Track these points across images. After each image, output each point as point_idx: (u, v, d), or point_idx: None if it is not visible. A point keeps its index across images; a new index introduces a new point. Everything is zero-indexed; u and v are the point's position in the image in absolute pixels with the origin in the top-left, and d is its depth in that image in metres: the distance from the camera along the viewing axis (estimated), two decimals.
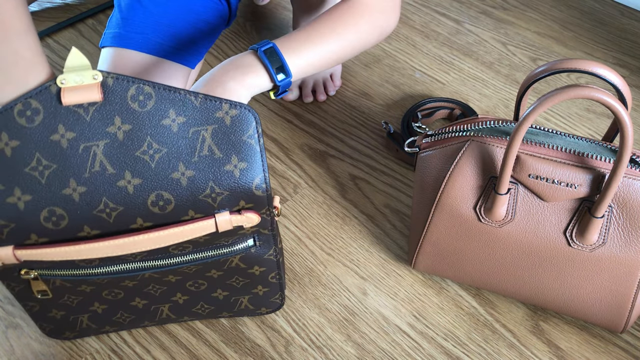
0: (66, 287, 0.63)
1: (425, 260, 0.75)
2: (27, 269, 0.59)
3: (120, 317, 0.69)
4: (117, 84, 0.52)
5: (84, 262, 0.59)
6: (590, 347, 0.72)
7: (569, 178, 0.63)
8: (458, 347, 0.72)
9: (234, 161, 0.55)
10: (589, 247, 0.65)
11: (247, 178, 0.55)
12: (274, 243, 0.63)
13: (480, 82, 1.04)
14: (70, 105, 0.52)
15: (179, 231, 0.55)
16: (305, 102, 1.02)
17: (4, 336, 0.74)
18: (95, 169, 0.53)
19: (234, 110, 0.54)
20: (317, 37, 0.72)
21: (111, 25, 0.87)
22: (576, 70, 0.62)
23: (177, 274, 0.63)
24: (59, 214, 0.53)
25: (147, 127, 0.53)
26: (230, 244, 0.61)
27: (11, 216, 0.53)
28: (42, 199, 0.53)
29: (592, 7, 1.19)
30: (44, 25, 1.14)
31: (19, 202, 0.53)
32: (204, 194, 0.55)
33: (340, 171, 0.91)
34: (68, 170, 0.53)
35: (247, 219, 0.57)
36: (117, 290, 0.64)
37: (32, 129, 0.52)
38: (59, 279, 0.61)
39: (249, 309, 0.72)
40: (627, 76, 1.05)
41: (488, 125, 0.68)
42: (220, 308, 0.70)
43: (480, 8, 1.19)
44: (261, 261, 0.64)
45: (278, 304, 0.72)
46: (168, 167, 0.54)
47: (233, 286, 0.67)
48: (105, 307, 0.67)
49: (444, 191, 0.68)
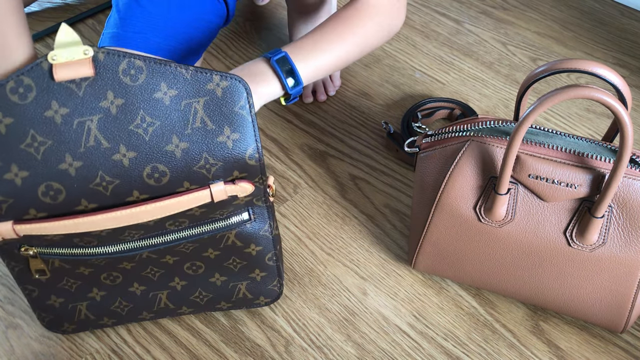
0: (65, 269, 0.63)
1: (425, 260, 0.75)
2: (27, 246, 0.59)
3: (118, 306, 0.69)
4: (108, 58, 0.53)
5: (82, 242, 0.60)
6: (590, 347, 0.72)
7: (569, 178, 0.63)
8: (458, 347, 0.72)
9: (226, 132, 0.56)
10: (589, 247, 0.65)
11: (240, 148, 0.56)
12: (269, 218, 0.64)
13: (480, 82, 1.04)
14: (63, 81, 0.53)
15: (175, 202, 0.56)
16: (305, 102, 1.02)
17: (4, 336, 0.74)
18: (90, 143, 0.54)
19: (224, 82, 0.55)
20: (325, 42, 0.74)
21: (109, 26, 0.87)
22: (576, 70, 0.62)
23: (175, 253, 0.64)
24: (56, 189, 0.54)
25: (139, 100, 0.54)
26: (226, 217, 0.62)
27: (9, 192, 0.54)
28: (38, 174, 0.53)
29: (592, 7, 1.19)
30: (44, 25, 1.14)
31: (16, 179, 0.53)
32: (198, 165, 0.56)
33: (340, 171, 0.91)
34: (63, 146, 0.53)
35: (241, 188, 0.58)
36: (116, 273, 0.65)
37: (25, 106, 0.53)
38: (58, 258, 0.61)
39: (247, 298, 0.71)
40: (627, 76, 1.05)
41: (488, 125, 0.68)
42: (219, 296, 0.70)
43: (480, 8, 1.19)
44: (257, 238, 0.65)
45: (276, 293, 0.72)
46: (162, 139, 0.55)
47: (230, 269, 0.67)
48: (103, 294, 0.67)
49: (444, 191, 0.68)
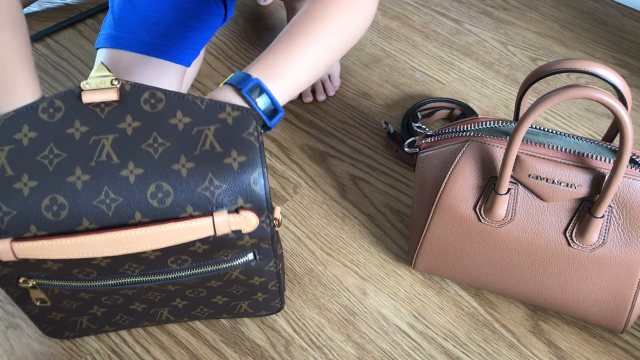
0: (65, 294, 0.63)
1: (425, 260, 0.75)
2: (26, 278, 0.60)
3: (119, 319, 0.69)
4: (133, 89, 0.57)
5: (81, 274, 0.60)
6: (590, 347, 0.72)
7: (569, 178, 0.63)
8: (458, 347, 0.72)
9: (233, 155, 0.56)
10: (589, 247, 0.65)
11: (245, 171, 0.56)
12: (274, 256, 0.63)
13: (480, 82, 1.04)
14: (89, 104, 0.57)
15: (176, 230, 0.56)
16: (305, 102, 1.02)
17: (4, 336, 0.74)
18: (101, 158, 0.55)
19: (236, 112, 0.57)
20: (296, 52, 0.63)
21: (105, 27, 0.88)
22: (576, 70, 0.62)
23: (177, 284, 0.64)
24: (60, 203, 0.55)
25: (155, 124, 0.57)
26: (230, 259, 0.61)
27: (14, 203, 0.54)
28: (47, 185, 0.55)
29: (592, 7, 1.19)
30: (44, 25, 1.14)
31: (24, 188, 0.55)
32: (202, 187, 0.56)
33: (340, 171, 0.91)
34: (76, 159, 0.55)
35: (245, 220, 0.57)
36: (117, 296, 0.65)
37: (51, 123, 0.56)
38: (58, 288, 0.62)
39: (249, 312, 0.72)
40: (627, 76, 1.05)
41: (488, 126, 0.68)
42: (220, 311, 0.71)
43: (480, 8, 1.19)
44: (261, 273, 0.65)
45: (277, 308, 0.72)
46: (170, 158, 0.56)
47: (233, 293, 0.68)
48: (104, 311, 0.67)
49: (444, 191, 0.68)
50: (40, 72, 1.06)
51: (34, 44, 1.11)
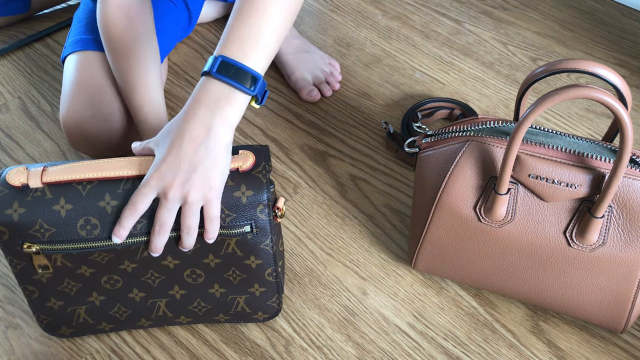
0: (67, 268, 0.64)
1: (425, 260, 0.75)
2: (29, 243, 0.61)
3: (117, 312, 0.69)
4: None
5: (84, 231, 0.62)
6: (590, 347, 0.72)
7: (569, 178, 0.63)
8: (458, 347, 0.72)
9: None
10: (589, 247, 0.65)
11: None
12: (271, 232, 0.65)
13: (480, 82, 1.04)
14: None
15: None
16: (310, 102, 1.01)
17: (4, 336, 0.74)
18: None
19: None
20: (254, 20, 0.62)
21: (71, 35, 0.90)
22: (576, 70, 0.62)
23: (176, 255, 0.64)
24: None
25: None
26: (228, 225, 0.63)
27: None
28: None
29: (592, 7, 1.19)
30: (44, 25, 1.14)
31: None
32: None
33: (340, 171, 0.91)
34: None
35: (243, 157, 0.64)
36: (116, 276, 0.65)
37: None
38: (60, 253, 0.63)
39: (246, 313, 0.71)
40: (627, 76, 1.06)
41: (488, 126, 0.68)
42: (217, 308, 0.70)
43: (480, 8, 1.19)
44: (257, 251, 0.65)
45: (275, 309, 0.72)
46: None
47: (230, 281, 0.67)
48: (103, 299, 0.68)
49: (444, 191, 0.68)
50: (41, 72, 1.06)
51: (34, 44, 1.11)
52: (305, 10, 1.18)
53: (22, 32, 1.13)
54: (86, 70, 0.85)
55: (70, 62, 0.87)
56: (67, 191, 0.61)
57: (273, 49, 0.64)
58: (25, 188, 0.61)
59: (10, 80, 1.05)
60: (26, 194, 0.61)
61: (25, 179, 0.61)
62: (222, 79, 0.60)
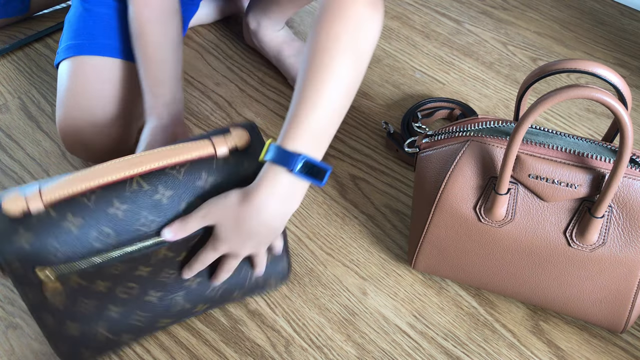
0: (82, 287, 0.62)
1: (425, 260, 0.75)
2: (42, 266, 0.59)
3: (137, 319, 0.67)
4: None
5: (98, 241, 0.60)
6: (590, 347, 0.72)
7: (569, 178, 0.63)
8: (458, 347, 0.72)
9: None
10: (589, 247, 0.65)
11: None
12: None
13: (480, 82, 1.04)
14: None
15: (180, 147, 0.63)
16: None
17: (4, 336, 0.74)
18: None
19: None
20: (322, 112, 0.61)
21: (63, 41, 0.90)
22: (576, 70, 0.62)
23: (187, 249, 0.65)
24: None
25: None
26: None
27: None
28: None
29: (592, 7, 1.19)
30: (44, 25, 1.14)
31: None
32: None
33: (340, 171, 0.91)
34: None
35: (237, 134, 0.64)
36: (132, 283, 0.64)
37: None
38: (76, 272, 0.60)
39: (259, 284, 0.72)
40: (627, 76, 1.06)
41: (488, 126, 0.68)
42: (233, 285, 0.70)
43: (480, 8, 1.19)
44: None
45: (285, 273, 0.73)
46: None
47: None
48: (120, 310, 0.66)
49: (444, 191, 0.68)
50: (41, 72, 1.06)
51: (34, 44, 1.11)
52: (306, 11, 1.18)
53: (22, 32, 1.13)
54: (80, 76, 0.85)
55: (64, 69, 0.87)
56: (72, 206, 0.58)
57: (337, 124, 0.63)
58: (28, 214, 0.58)
59: (10, 80, 1.05)
60: (30, 219, 0.57)
61: (24, 205, 0.57)
62: (303, 179, 0.60)
